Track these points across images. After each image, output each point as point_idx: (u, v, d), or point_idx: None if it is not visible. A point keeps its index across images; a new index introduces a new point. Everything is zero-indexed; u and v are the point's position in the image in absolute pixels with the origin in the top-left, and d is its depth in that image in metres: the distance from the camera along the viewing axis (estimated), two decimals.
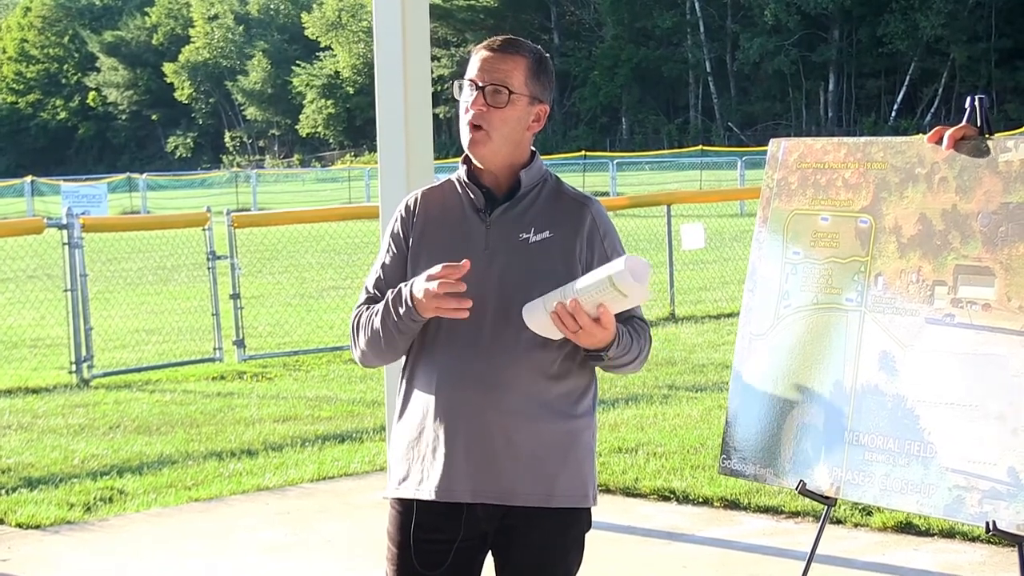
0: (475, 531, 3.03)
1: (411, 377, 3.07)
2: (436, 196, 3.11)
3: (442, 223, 3.06)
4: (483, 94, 2.99)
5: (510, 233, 3.01)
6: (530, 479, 2.98)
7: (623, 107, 72.77)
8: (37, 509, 6.54)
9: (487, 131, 2.99)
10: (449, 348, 2.97)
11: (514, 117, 3.00)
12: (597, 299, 2.82)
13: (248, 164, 77.52)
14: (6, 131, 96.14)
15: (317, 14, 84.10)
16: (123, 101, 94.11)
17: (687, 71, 71.48)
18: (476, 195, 3.05)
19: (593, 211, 3.08)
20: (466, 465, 2.97)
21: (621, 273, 2.77)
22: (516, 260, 2.99)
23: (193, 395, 9.85)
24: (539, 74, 3.05)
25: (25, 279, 18.01)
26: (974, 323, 3.44)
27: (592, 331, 2.86)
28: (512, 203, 3.04)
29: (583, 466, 3.05)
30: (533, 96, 3.03)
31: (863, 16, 64.47)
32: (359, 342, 3.07)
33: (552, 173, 3.13)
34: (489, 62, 3.01)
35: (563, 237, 3.01)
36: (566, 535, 3.06)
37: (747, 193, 20.03)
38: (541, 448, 2.98)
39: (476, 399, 2.95)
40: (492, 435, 2.96)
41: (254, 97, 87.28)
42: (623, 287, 2.78)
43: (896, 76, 65.26)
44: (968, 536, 5.55)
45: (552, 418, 2.99)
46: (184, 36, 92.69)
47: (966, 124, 3.58)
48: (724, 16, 70.61)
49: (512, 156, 3.04)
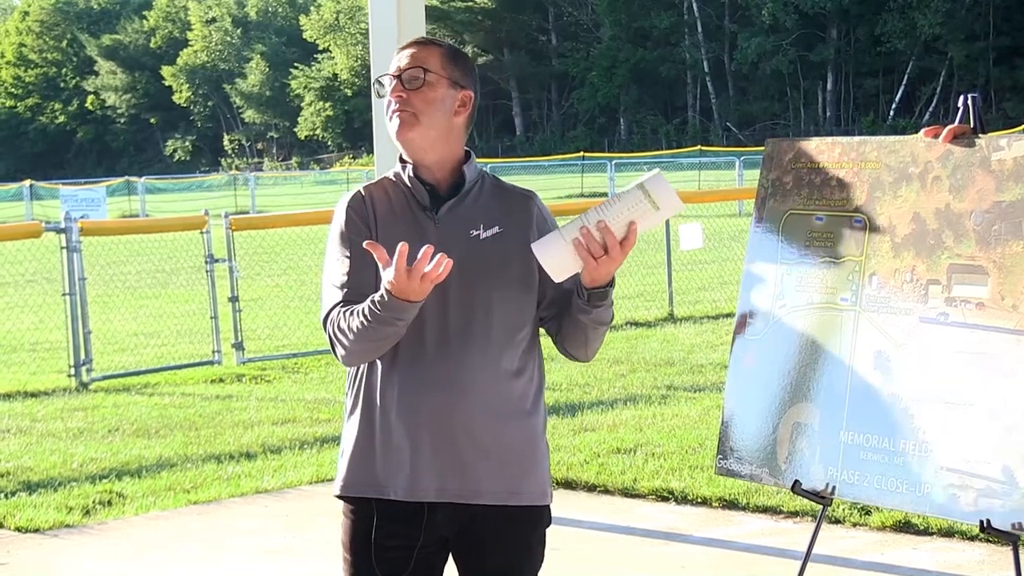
0: (435, 536, 2.99)
1: (368, 375, 2.99)
2: (380, 193, 3.04)
3: (392, 221, 2.99)
4: (401, 81, 2.96)
5: (460, 230, 2.97)
6: (496, 478, 2.96)
7: (621, 107, 72.77)
8: (36, 513, 6.55)
9: (413, 112, 2.94)
10: (410, 347, 2.91)
11: (436, 99, 2.96)
12: (628, 216, 2.70)
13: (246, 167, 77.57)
14: (5, 135, 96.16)
15: (315, 16, 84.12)
16: (121, 105, 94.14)
17: (685, 71, 71.50)
18: (420, 193, 3.00)
19: (538, 204, 3.07)
20: (431, 465, 2.93)
21: (655, 178, 2.61)
22: (470, 257, 2.94)
23: (192, 398, 9.85)
24: (456, 60, 3.02)
25: (24, 283, 18.02)
26: (968, 322, 3.44)
27: (617, 255, 2.81)
28: (458, 199, 3.00)
29: (543, 463, 3.06)
30: (453, 80, 2.98)
31: (861, 15, 64.48)
32: (345, 340, 2.92)
33: (486, 171, 3.10)
34: (404, 55, 3.00)
35: (514, 231, 2.99)
36: (531, 534, 3.06)
37: (745, 193, 20.04)
38: (505, 446, 2.97)
39: (440, 399, 2.91)
40: (457, 434, 2.93)
41: (252, 100, 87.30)
42: (657, 196, 2.63)
43: (894, 75, 65.28)
44: (967, 535, 5.55)
45: (514, 416, 2.98)
46: (182, 39, 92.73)
47: (961, 124, 3.59)
48: (722, 16, 70.64)
49: (446, 147, 2.99)
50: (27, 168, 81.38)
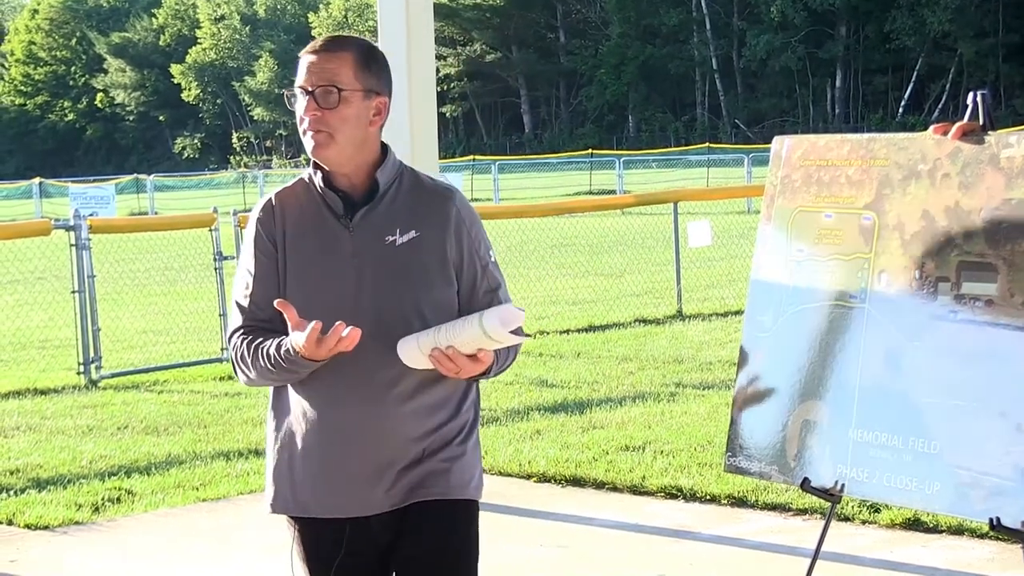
0: (371, 545, 2.97)
1: (288, 393, 2.98)
2: (292, 200, 2.98)
3: (304, 231, 2.94)
4: (314, 98, 2.88)
5: (375, 237, 2.92)
6: (428, 477, 2.94)
7: (629, 105, 72.76)
8: (45, 510, 6.56)
9: (328, 132, 2.88)
10: (329, 361, 2.84)
11: (352, 115, 2.89)
12: (473, 347, 2.79)
13: (255, 164, 77.57)
14: (14, 133, 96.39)
15: (324, 14, 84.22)
16: (130, 102, 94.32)
17: (693, 68, 71.44)
18: (333, 200, 2.94)
19: (457, 202, 3.00)
20: (363, 478, 2.91)
21: (493, 326, 2.74)
22: (385, 265, 2.91)
23: (201, 395, 9.86)
24: (369, 65, 2.93)
25: (33, 280, 18.06)
26: (977, 319, 3.43)
27: (471, 369, 2.83)
28: (372, 205, 2.94)
29: (473, 458, 3.03)
30: (367, 90, 2.91)
31: (870, 12, 64.39)
32: (248, 374, 2.95)
33: (406, 165, 3.05)
34: (315, 65, 2.90)
35: (431, 235, 2.94)
36: (469, 527, 3.02)
37: (754, 190, 20.00)
38: (434, 447, 2.95)
39: (365, 410, 2.88)
40: (385, 443, 2.91)
41: (261, 97, 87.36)
42: (494, 332, 2.75)
43: (903, 72, 65.17)
44: (976, 532, 5.53)
45: (441, 416, 2.96)
46: (191, 37, 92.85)
47: (970, 121, 3.58)
48: (730, 13, 70.55)
49: (361, 156, 2.94)
50: (36, 166, 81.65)
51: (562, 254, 19.60)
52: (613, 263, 18.37)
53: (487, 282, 3.01)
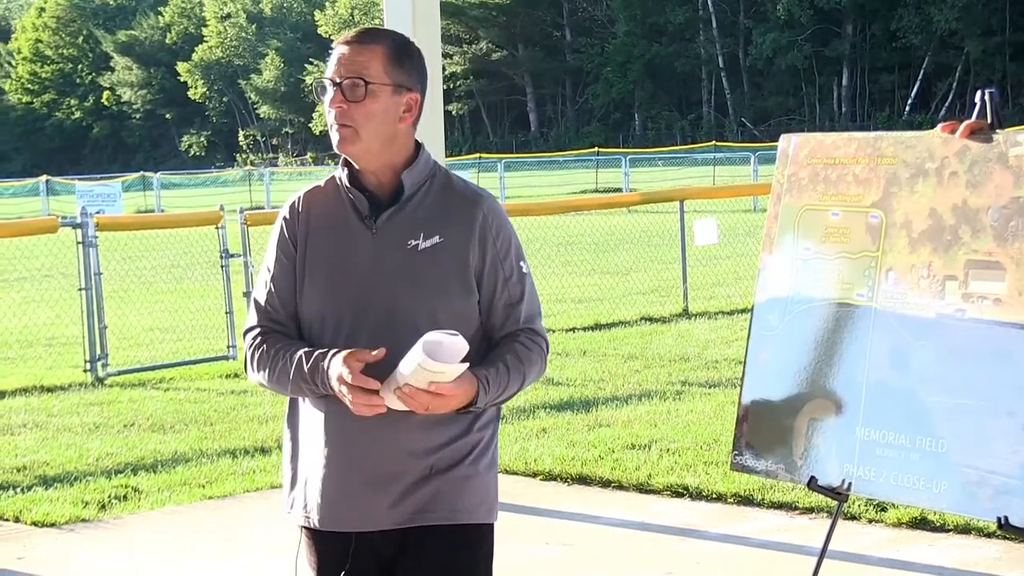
0: (375, 558, 2.90)
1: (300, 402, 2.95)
2: (320, 199, 2.92)
3: (327, 231, 2.87)
4: (341, 90, 2.80)
5: (398, 240, 2.83)
6: (433, 499, 2.84)
7: (636, 103, 72.74)
8: (52, 507, 6.57)
9: (354, 128, 2.80)
10: None
11: (379, 110, 2.80)
12: (422, 381, 2.67)
13: (262, 162, 77.66)
14: (21, 131, 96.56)
15: (330, 12, 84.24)
16: (137, 100, 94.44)
17: (700, 67, 71.43)
18: (359, 200, 2.86)
19: (486, 208, 2.88)
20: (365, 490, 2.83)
21: (424, 360, 2.65)
22: (404, 270, 2.81)
23: (207, 393, 9.87)
24: (400, 59, 2.83)
25: (40, 278, 18.08)
26: (985, 318, 3.42)
27: (441, 403, 2.70)
28: (398, 207, 2.85)
29: (486, 479, 2.91)
30: (397, 85, 2.82)
31: (876, 10, 64.32)
32: (260, 375, 2.91)
33: (440, 166, 2.95)
34: (345, 56, 2.81)
35: (454, 242, 2.83)
36: (474, 553, 2.91)
37: (760, 189, 19.97)
38: (442, 465, 2.84)
39: (369, 419, 2.77)
40: (386, 455, 2.82)
41: (267, 95, 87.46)
42: (435, 369, 2.66)
43: (910, 70, 65.11)
44: (983, 532, 5.53)
45: (451, 432, 2.85)
46: (197, 35, 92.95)
47: (978, 119, 3.56)
48: (736, 11, 70.52)
49: (390, 154, 2.85)
50: (43, 163, 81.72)
51: (568, 252, 19.60)
52: (619, 261, 18.37)
53: (507, 295, 2.89)
